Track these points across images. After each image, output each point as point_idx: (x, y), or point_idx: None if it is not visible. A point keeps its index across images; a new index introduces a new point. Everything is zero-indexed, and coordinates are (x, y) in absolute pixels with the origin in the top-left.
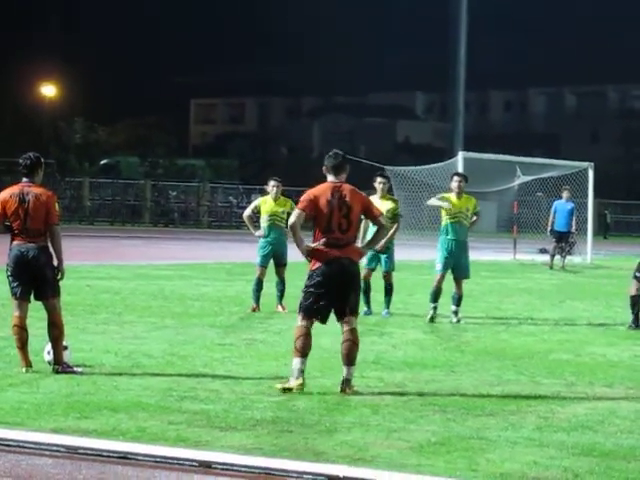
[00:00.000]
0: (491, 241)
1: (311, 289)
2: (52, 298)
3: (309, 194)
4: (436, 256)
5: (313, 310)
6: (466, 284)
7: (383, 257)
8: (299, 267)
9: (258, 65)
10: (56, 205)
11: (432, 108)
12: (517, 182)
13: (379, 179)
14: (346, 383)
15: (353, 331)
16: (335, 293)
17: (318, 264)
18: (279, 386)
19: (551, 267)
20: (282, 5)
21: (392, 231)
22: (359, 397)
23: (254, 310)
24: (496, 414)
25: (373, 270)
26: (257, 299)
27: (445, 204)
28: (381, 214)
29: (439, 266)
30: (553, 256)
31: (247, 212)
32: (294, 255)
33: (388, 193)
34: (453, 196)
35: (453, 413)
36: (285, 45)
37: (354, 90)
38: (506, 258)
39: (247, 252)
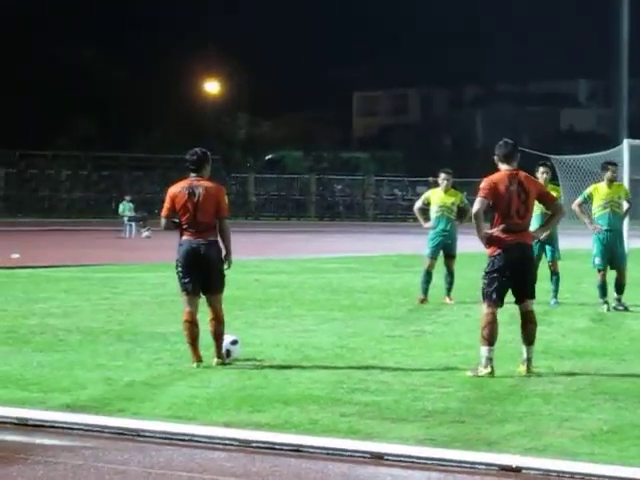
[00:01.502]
0: None
1: (494, 274)
2: (219, 293)
3: (489, 182)
4: (593, 248)
5: (498, 295)
6: (631, 272)
7: (548, 247)
8: (467, 259)
9: (417, 58)
10: (225, 198)
11: (595, 95)
12: None
13: (541, 169)
14: (528, 362)
15: (532, 313)
16: (516, 277)
17: (498, 250)
18: (469, 373)
19: None
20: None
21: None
22: (530, 387)
23: (422, 302)
24: None
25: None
26: (425, 291)
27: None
28: (556, 199)
29: (598, 260)
30: None
31: (418, 204)
32: (463, 246)
33: (551, 182)
34: (603, 185)
35: (625, 401)
36: (444, 33)
37: (516, 78)
38: None
39: (413, 244)
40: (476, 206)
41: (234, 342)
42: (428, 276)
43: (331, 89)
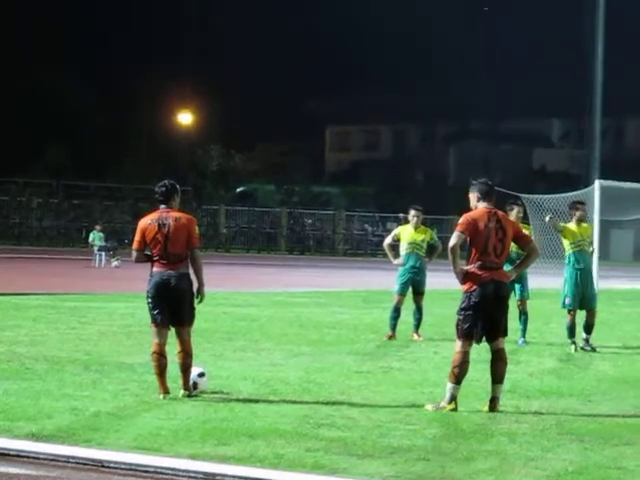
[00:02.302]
0: (628, 269)
1: (469, 312)
2: (188, 326)
3: (468, 217)
4: (563, 288)
5: (473, 333)
6: (600, 313)
7: (517, 285)
8: (436, 295)
9: (389, 92)
10: (196, 228)
11: (568, 135)
12: None
13: (517, 208)
14: (495, 401)
15: (503, 351)
16: (490, 314)
17: (474, 286)
18: (430, 407)
19: None
20: (410, 35)
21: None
22: (496, 425)
23: (390, 338)
24: (634, 443)
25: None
26: (394, 327)
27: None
28: (531, 240)
29: (569, 300)
30: None
31: (387, 240)
32: (431, 283)
33: (522, 221)
34: (572, 225)
35: (590, 442)
36: (417, 72)
37: (488, 116)
38: None
39: (383, 279)
40: (453, 240)
41: (201, 374)
42: (396, 312)
43: (304, 123)
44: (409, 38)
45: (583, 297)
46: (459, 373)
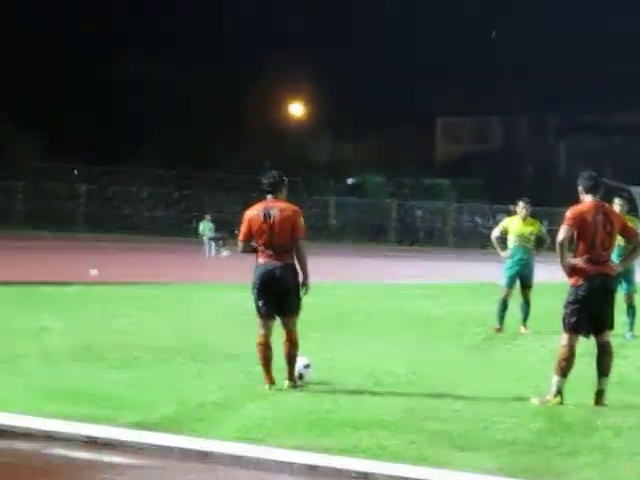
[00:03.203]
0: None
1: (576, 305)
2: (294, 316)
3: (575, 211)
4: None
5: (580, 326)
6: None
7: (624, 279)
8: (544, 288)
9: (501, 84)
10: (301, 219)
11: None
12: None
13: (617, 200)
14: (601, 394)
15: (609, 344)
16: (597, 308)
17: (581, 280)
18: (536, 401)
19: None
20: (523, 20)
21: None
22: (601, 419)
23: (498, 331)
24: None
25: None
26: (501, 320)
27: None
28: (637, 234)
29: None
30: None
31: (495, 232)
32: (540, 276)
33: (628, 214)
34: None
35: None
36: (526, 64)
37: (600, 108)
38: None
39: (493, 272)
40: (561, 234)
41: (307, 366)
42: (504, 305)
43: (415, 114)
44: (522, 35)
45: None
46: (565, 366)
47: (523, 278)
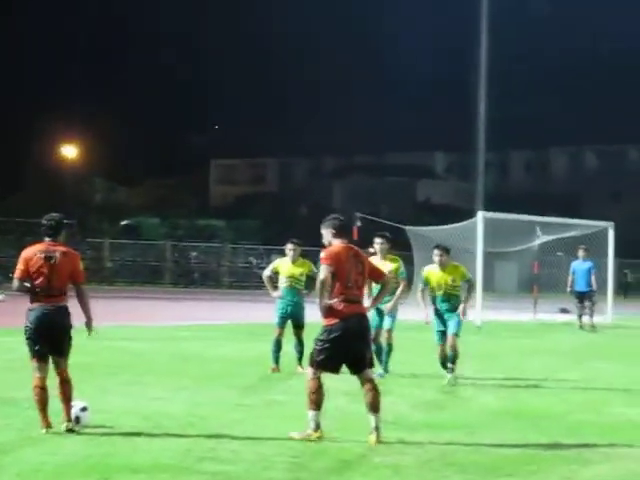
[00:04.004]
0: (511, 301)
1: (327, 345)
2: (66, 356)
3: (331, 251)
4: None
5: (328, 365)
6: (484, 344)
7: (388, 317)
8: (317, 328)
9: (277, 126)
10: (81, 264)
11: (453, 167)
12: (537, 242)
13: (377, 240)
14: (377, 431)
15: (373, 381)
16: (353, 348)
17: (335, 320)
18: (296, 435)
19: (581, 327)
20: (298, 67)
21: (399, 291)
22: (379, 458)
23: (274, 371)
24: (516, 474)
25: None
26: (276, 359)
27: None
28: (384, 274)
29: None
30: (580, 316)
31: (266, 272)
32: (312, 316)
33: (390, 252)
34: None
35: (474, 474)
36: (302, 106)
37: (374, 150)
38: (526, 318)
39: (268, 312)
40: (322, 274)
41: (84, 409)
42: (278, 345)
43: (191, 157)
44: (296, 69)
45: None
46: (316, 399)
47: (294, 318)
